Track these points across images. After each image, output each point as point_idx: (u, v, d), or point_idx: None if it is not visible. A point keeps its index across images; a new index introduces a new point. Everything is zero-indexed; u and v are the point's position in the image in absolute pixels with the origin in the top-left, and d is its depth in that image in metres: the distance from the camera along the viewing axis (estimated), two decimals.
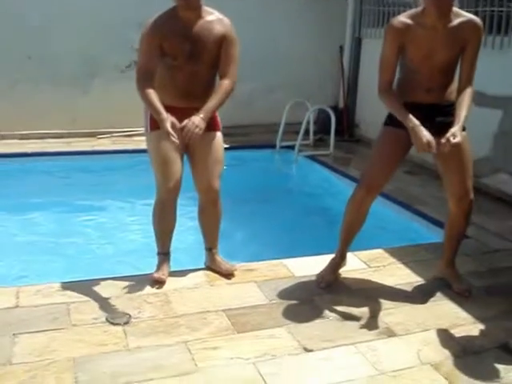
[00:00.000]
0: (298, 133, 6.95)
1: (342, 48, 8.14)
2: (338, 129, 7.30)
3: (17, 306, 3.14)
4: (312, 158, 6.88)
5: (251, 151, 7.10)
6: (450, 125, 3.09)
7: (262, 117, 7.92)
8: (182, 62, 3.30)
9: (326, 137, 7.33)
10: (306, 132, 7.20)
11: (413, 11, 3.23)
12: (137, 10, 7.30)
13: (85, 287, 3.34)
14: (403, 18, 3.18)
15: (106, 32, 7.29)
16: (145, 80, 3.22)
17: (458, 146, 3.02)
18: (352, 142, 7.68)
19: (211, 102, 3.27)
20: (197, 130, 3.15)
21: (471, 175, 3.35)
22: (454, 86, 3.29)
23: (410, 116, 3.10)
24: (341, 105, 8.19)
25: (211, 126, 3.40)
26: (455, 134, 2.99)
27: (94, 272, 3.74)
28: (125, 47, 7.12)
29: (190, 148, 3.44)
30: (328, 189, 6.13)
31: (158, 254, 3.58)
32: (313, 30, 8.07)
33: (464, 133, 3.18)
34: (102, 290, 3.33)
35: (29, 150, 6.60)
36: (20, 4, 6.99)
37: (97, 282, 3.42)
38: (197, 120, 3.16)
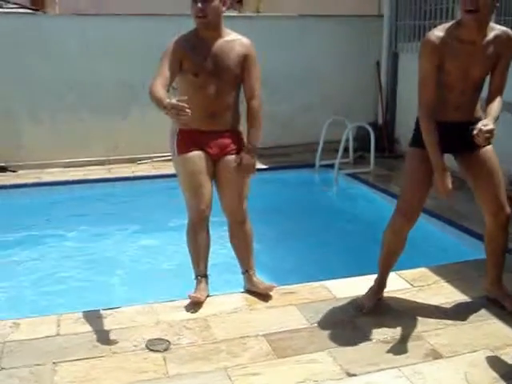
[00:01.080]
0: (337, 151, 6.89)
1: (378, 63, 8.07)
2: (378, 145, 7.22)
3: (57, 335, 3.15)
4: (352, 175, 6.79)
5: (291, 171, 7.05)
6: None
7: (301, 136, 7.88)
8: (203, 79, 3.36)
9: (366, 154, 7.24)
10: (346, 150, 7.14)
11: (448, 25, 3.13)
12: (173, 36, 7.41)
13: (124, 314, 3.34)
14: (439, 33, 3.08)
15: (142, 58, 7.37)
16: (155, 83, 3.18)
17: (491, 132, 2.83)
18: (393, 158, 7.56)
19: (254, 133, 3.46)
20: (252, 169, 3.48)
21: (504, 189, 3.25)
22: (479, 103, 3.24)
23: (441, 158, 3.07)
24: (380, 121, 8.10)
25: (238, 149, 3.51)
26: (486, 123, 2.88)
27: (133, 298, 3.74)
28: None
29: (217, 171, 3.51)
30: (369, 207, 6.03)
31: (196, 277, 3.56)
32: (349, 46, 8.03)
33: (490, 147, 3.17)
34: (142, 316, 3.32)
35: (70, 178, 6.70)
36: (58, 35, 7.16)
37: (136, 308, 3.42)
38: (249, 161, 3.44)
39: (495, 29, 3.11)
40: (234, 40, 3.45)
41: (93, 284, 4.26)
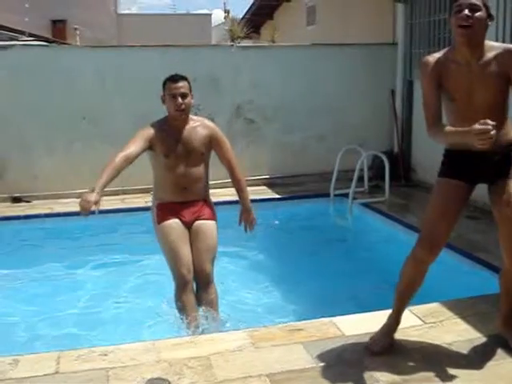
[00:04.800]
0: (352, 180, 6.80)
1: (393, 92, 8.01)
2: (394, 174, 7.12)
3: (56, 372, 3.06)
4: (367, 205, 6.68)
5: (304, 201, 6.98)
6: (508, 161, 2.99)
7: (315, 165, 7.84)
8: (173, 160, 3.89)
9: (382, 183, 7.14)
10: (361, 179, 7.05)
11: (446, 49, 3.11)
12: (186, 68, 7.42)
13: (125, 351, 3.24)
14: (436, 54, 3.07)
15: (158, 89, 7.39)
16: (119, 154, 3.67)
17: None
18: (409, 187, 7.47)
19: (245, 195, 4.13)
20: (254, 222, 4.15)
21: None
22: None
23: (459, 129, 2.90)
24: (396, 149, 8.00)
25: (206, 215, 3.99)
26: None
27: (135, 335, 3.66)
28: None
29: (190, 235, 3.93)
30: (383, 238, 5.91)
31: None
32: (363, 75, 8.01)
33: None
34: (143, 354, 3.22)
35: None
36: (73, 67, 7.23)
37: (138, 345, 3.32)
38: (251, 216, 4.13)
39: (495, 48, 2.98)
40: (198, 125, 4.00)
41: (95, 320, 4.19)
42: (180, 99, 3.89)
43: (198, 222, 3.94)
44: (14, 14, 14.30)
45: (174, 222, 3.90)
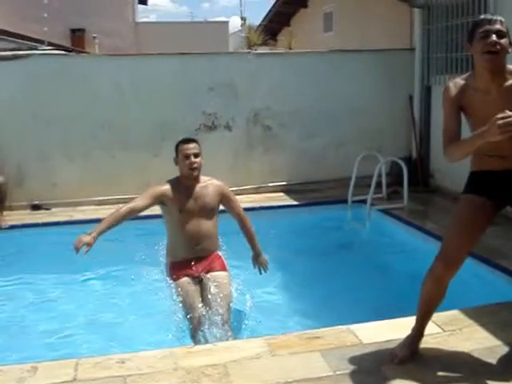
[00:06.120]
0: (370, 186, 6.76)
1: (411, 97, 7.96)
2: (412, 180, 7.07)
3: (74, 380, 3.08)
4: (385, 211, 6.64)
5: (322, 207, 6.95)
6: None
7: (333, 171, 7.83)
8: (186, 216, 4.20)
9: (400, 189, 7.10)
10: (380, 185, 7.01)
11: (467, 74, 3.09)
12: (203, 75, 7.51)
13: (143, 359, 3.25)
14: (458, 79, 3.06)
15: (176, 97, 7.47)
16: (125, 207, 4.09)
17: None
18: (428, 193, 7.41)
19: (255, 241, 4.46)
20: (267, 263, 4.44)
21: None
22: None
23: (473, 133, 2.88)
24: (414, 155, 7.95)
25: (217, 267, 4.23)
26: None
27: (152, 342, 3.66)
28: (195, 111, 7.32)
29: (202, 287, 4.14)
30: (401, 244, 5.86)
31: None
32: (381, 81, 7.99)
33: None
34: (160, 361, 3.22)
35: (101, 216, 6.69)
36: (91, 75, 7.29)
37: (155, 353, 3.33)
38: (264, 260, 4.44)
39: None
40: (208, 184, 4.34)
41: (112, 327, 4.20)
42: (193, 158, 4.21)
43: (210, 275, 4.18)
44: (34, 24, 14.45)
45: (185, 281, 4.14)
